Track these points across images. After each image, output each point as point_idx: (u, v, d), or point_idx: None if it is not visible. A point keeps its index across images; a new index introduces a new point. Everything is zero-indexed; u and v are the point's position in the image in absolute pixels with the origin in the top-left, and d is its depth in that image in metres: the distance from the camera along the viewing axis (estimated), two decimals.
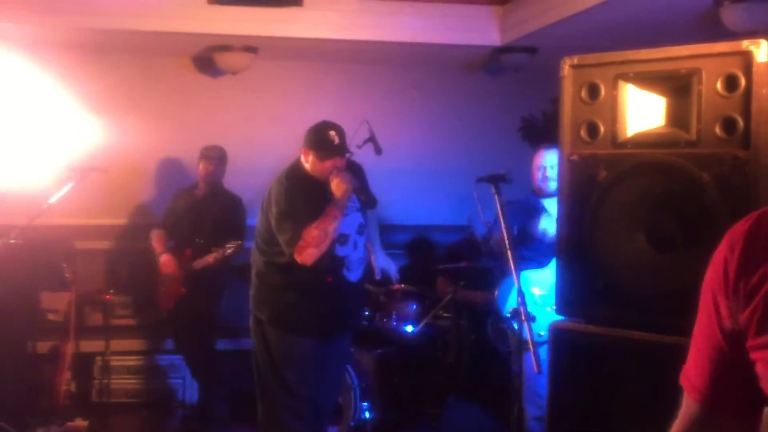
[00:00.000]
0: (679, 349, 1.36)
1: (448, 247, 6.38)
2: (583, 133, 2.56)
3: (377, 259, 4.35)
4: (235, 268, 5.20)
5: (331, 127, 3.86)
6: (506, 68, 6.20)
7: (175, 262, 5.31)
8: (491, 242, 4.35)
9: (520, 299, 3.18)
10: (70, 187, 5.05)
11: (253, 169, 5.59)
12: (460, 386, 5.34)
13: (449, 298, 5.23)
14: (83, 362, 5.74)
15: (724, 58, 2.30)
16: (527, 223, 4.43)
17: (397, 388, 5.17)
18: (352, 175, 3.87)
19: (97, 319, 5.90)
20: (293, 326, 3.92)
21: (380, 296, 5.17)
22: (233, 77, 6.17)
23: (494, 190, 3.45)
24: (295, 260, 3.71)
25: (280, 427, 3.96)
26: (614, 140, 2.50)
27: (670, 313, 2.29)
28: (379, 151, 4.76)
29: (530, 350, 3.11)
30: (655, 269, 2.41)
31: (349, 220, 3.88)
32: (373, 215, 4.24)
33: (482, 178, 3.53)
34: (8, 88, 5.78)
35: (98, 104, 5.96)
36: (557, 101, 2.65)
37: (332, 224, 3.72)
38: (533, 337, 3.14)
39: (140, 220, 6.17)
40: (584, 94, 2.55)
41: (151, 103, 6.19)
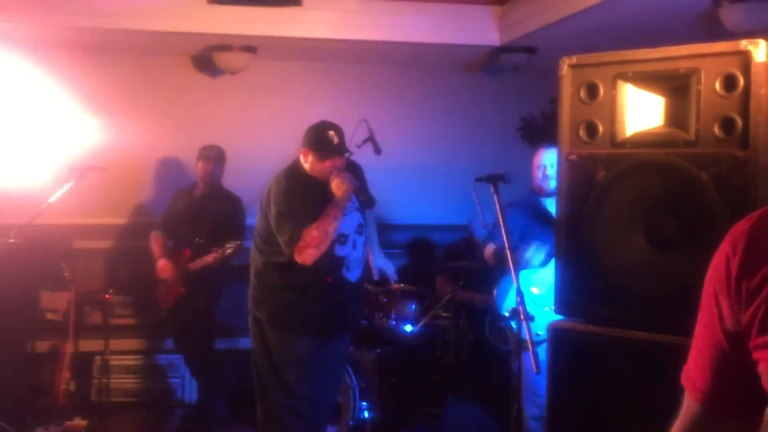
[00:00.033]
0: (678, 348, 1.36)
1: (447, 246, 6.37)
2: (581, 132, 2.56)
3: (375, 259, 4.35)
4: (234, 268, 5.20)
5: (330, 126, 3.85)
6: (505, 68, 6.19)
7: (171, 266, 5.30)
8: (494, 251, 4.27)
9: (518, 299, 3.19)
10: (69, 186, 5.05)
11: (252, 168, 5.58)
12: (459, 386, 5.34)
13: (448, 297, 5.22)
14: (82, 362, 5.73)
15: (722, 58, 2.30)
16: (529, 228, 4.34)
17: (396, 387, 5.16)
18: (351, 175, 3.87)
19: (96, 318, 5.90)
20: (292, 326, 3.92)
21: (379, 296, 5.16)
22: (232, 77, 6.17)
23: (493, 189, 3.45)
24: (294, 260, 3.71)
25: (279, 426, 3.95)
26: (613, 140, 2.50)
27: (668, 312, 2.29)
28: (378, 150, 4.76)
29: (529, 350, 3.11)
30: (653, 269, 2.41)
31: (348, 219, 3.87)
32: (370, 215, 4.23)
33: (481, 177, 3.53)
34: (7, 87, 5.77)
35: (97, 104, 5.95)
36: (556, 101, 2.65)
37: (332, 224, 3.71)
38: (532, 336, 3.14)
39: (139, 219, 6.17)
40: (583, 93, 2.55)
41: (150, 102, 6.18)
